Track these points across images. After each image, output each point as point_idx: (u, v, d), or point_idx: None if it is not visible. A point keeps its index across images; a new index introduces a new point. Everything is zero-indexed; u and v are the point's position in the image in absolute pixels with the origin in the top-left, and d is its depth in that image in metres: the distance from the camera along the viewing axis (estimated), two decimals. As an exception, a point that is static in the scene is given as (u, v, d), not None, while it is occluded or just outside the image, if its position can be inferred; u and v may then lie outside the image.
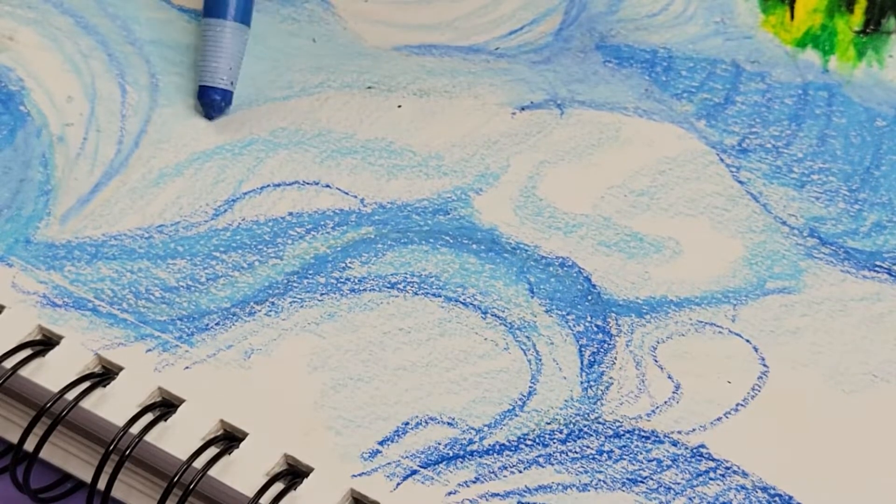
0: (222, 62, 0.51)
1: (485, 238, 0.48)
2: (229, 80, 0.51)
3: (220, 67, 0.51)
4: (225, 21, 0.51)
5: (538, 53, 0.54)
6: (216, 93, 0.51)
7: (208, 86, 0.51)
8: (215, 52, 0.51)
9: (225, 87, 0.51)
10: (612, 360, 0.45)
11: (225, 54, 0.51)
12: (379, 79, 0.53)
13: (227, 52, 0.51)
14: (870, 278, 0.47)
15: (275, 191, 0.49)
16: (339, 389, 0.44)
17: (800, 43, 0.55)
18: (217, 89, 0.51)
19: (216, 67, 0.51)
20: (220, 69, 0.51)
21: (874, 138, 0.52)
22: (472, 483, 0.42)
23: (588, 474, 0.42)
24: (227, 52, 0.51)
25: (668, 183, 0.50)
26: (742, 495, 0.42)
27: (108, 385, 0.43)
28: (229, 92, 0.51)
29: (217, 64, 0.51)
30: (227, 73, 0.51)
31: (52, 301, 0.45)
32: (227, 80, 0.51)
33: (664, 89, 0.53)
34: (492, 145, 0.51)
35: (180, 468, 0.41)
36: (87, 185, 0.49)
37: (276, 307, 0.46)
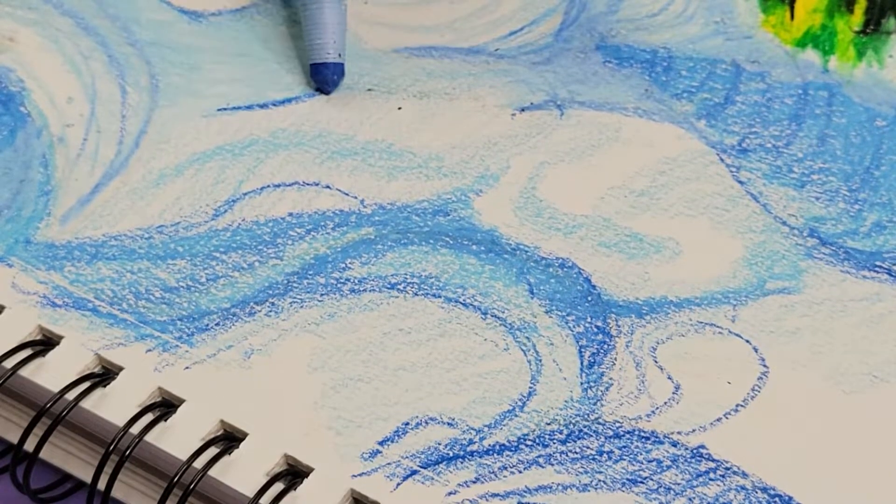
0: (327, 37, 0.52)
1: (485, 239, 0.48)
2: (337, 53, 0.52)
3: (326, 42, 0.52)
4: None
5: (538, 54, 0.54)
6: (327, 68, 0.52)
7: (319, 63, 0.52)
8: (318, 28, 0.52)
9: (335, 61, 0.52)
10: (612, 360, 0.45)
11: (328, 28, 0.52)
12: (379, 80, 0.53)
13: (329, 25, 0.52)
14: (870, 278, 0.47)
15: (275, 191, 0.49)
16: (339, 389, 0.44)
17: (800, 43, 0.55)
18: (328, 64, 0.52)
19: (322, 43, 0.52)
20: (327, 44, 0.52)
21: (874, 138, 0.52)
22: (472, 483, 0.42)
23: (588, 475, 0.42)
24: (329, 25, 0.52)
25: (668, 183, 0.50)
26: (742, 495, 0.42)
27: (108, 385, 0.43)
28: (340, 64, 0.52)
29: (322, 40, 0.52)
30: (334, 46, 0.52)
31: (52, 301, 0.45)
32: (334, 53, 0.52)
33: (664, 89, 0.53)
34: (492, 146, 0.51)
35: (180, 468, 0.41)
36: (87, 185, 0.49)
37: (276, 307, 0.46)
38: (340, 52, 0.52)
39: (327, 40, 0.52)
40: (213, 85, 0.52)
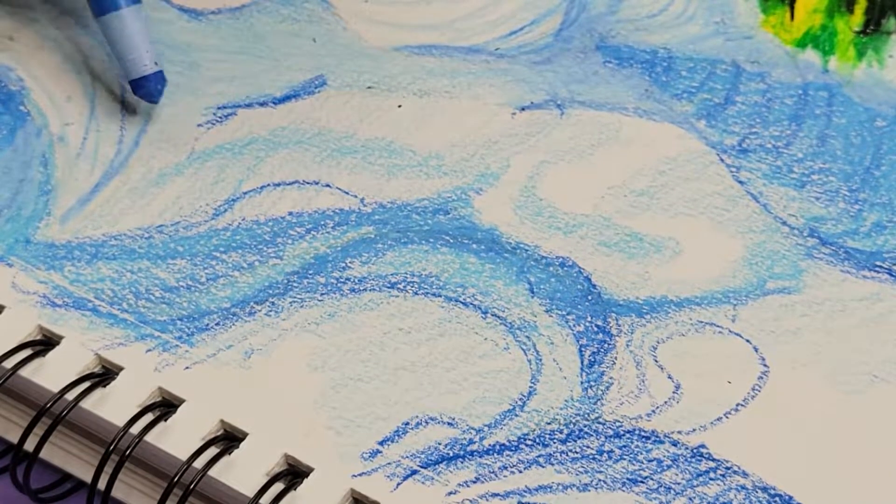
0: (139, 50, 0.50)
1: (485, 238, 0.48)
2: (153, 62, 0.50)
3: (140, 56, 0.50)
4: (119, 11, 0.50)
5: (538, 54, 0.54)
6: (148, 80, 0.50)
7: (139, 77, 0.50)
8: (126, 43, 0.50)
9: (153, 71, 0.50)
10: (612, 360, 0.45)
11: (136, 41, 0.50)
12: (379, 79, 0.53)
13: (137, 38, 0.50)
14: (870, 278, 0.47)
15: (275, 190, 0.49)
16: (339, 389, 0.44)
17: (800, 43, 0.55)
18: (148, 76, 0.50)
19: (136, 58, 0.50)
20: (140, 58, 0.50)
21: (874, 138, 0.52)
22: (473, 483, 0.42)
23: (588, 474, 0.42)
24: (137, 38, 0.50)
25: (668, 183, 0.50)
26: (742, 495, 0.42)
27: (108, 385, 0.43)
28: (159, 72, 0.50)
29: (135, 55, 0.50)
30: (149, 57, 0.50)
31: (52, 301, 0.45)
32: (150, 64, 0.50)
33: (664, 89, 0.53)
34: (492, 145, 0.51)
35: (180, 468, 0.41)
36: (87, 184, 0.49)
37: (276, 307, 0.46)
38: (156, 59, 0.50)
39: (139, 53, 0.50)
40: (213, 83, 0.52)
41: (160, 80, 0.50)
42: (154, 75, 0.50)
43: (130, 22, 0.50)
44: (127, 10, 0.50)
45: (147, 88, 0.50)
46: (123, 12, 0.50)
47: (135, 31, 0.50)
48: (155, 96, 0.50)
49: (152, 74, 0.50)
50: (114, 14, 0.50)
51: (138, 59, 0.50)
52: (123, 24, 0.50)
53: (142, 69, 0.50)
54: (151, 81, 0.50)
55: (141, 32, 0.50)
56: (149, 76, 0.50)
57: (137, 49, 0.50)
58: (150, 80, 0.50)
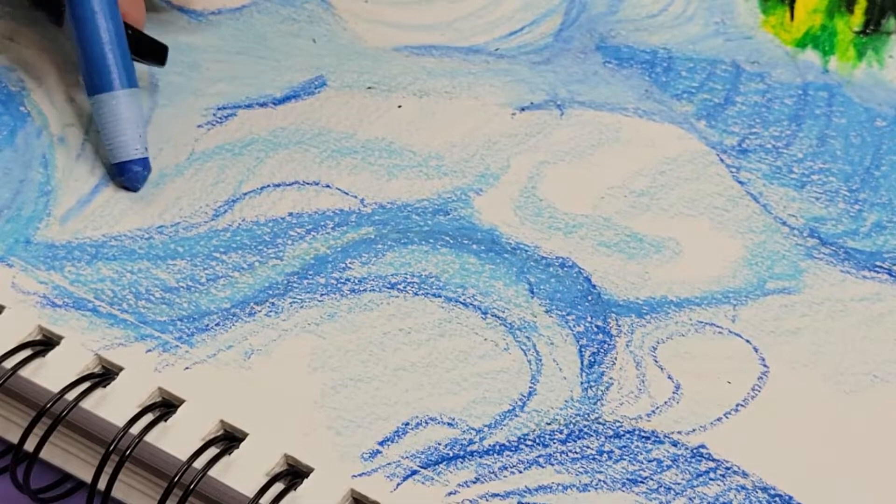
0: (129, 133, 0.48)
1: (485, 238, 0.48)
2: (143, 147, 0.49)
3: (129, 139, 0.48)
4: (114, 92, 0.48)
5: (538, 54, 0.54)
6: (136, 164, 0.48)
7: (125, 161, 0.48)
8: (118, 125, 0.48)
9: (142, 156, 0.49)
10: (612, 360, 0.45)
11: (129, 124, 0.49)
12: (379, 79, 0.53)
13: (130, 121, 0.49)
14: (870, 278, 0.47)
15: (275, 191, 0.49)
16: (340, 390, 0.44)
17: (800, 43, 0.55)
18: (136, 161, 0.48)
19: (125, 141, 0.48)
20: (130, 141, 0.48)
21: (874, 138, 0.52)
22: (473, 483, 0.42)
23: (588, 474, 0.42)
24: (130, 121, 0.49)
25: (668, 183, 0.50)
26: (742, 495, 0.42)
27: (108, 385, 0.43)
28: (146, 158, 0.49)
29: (124, 137, 0.48)
30: (139, 140, 0.49)
31: (52, 301, 0.45)
32: (140, 148, 0.48)
33: (664, 90, 0.53)
34: (492, 146, 0.51)
35: (180, 468, 0.41)
36: (87, 185, 0.49)
37: (276, 308, 0.46)
38: (146, 145, 0.49)
39: (130, 136, 0.48)
40: (213, 83, 0.52)
41: (146, 166, 0.49)
42: (142, 160, 0.49)
43: (126, 105, 0.49)
44: (122, 92, 0.49)
45: (132, 171, 0.48)
46: (118, 94, 0.49)
47: (128, 115, 0.49)
48: (139, 182, 0.49)
49: (139, 159, 0.48)
50: (109, 94, 0.49)
51: (128, 142, 0.48)
52: (118, 107, 0.49)
53: (132, 153, 0.48)
54: (139, 165, 0.48)
55: (134, 117, 0.49)
56: (135, 160, 0.48)
57: (129, 132, 0.48)
58: (138, 164, 0.48)
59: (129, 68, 0.49)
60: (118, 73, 0.49)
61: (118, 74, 0.49)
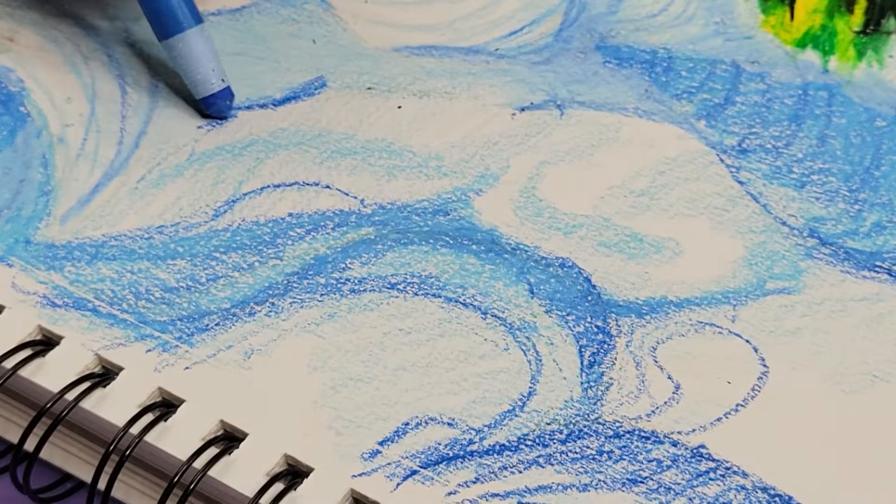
0: (205, 68, 0.51)
1: (485, 239, 0.48)
2: (220, 79, 0.51)
3: (206, 75, 0.51)
4: (184, 33, 0.50)
5: (538, 54, 0.54)
6: (216, 97, 0.51)
7: (207, 95, 0.51)
8: (193, 64, 0.51)
9: (221, 89, 0.51)
10: (612, 360, 0.45)
11: (203, 60, 0.51)
12: (379, 79, 0.53)
13: (203, 56, 0.51)
14: (870, 278, 0.47)
15: (275, 191, 0.49)
16: (339, 390, 0.44)
17: (800, 43, 0.55)
18: (216, 94, 0.51)
19: (203, 77, 0.51)
20: (208, 77, 0.51)
21: (874, 138, 0.52)
22: (472, 483, 0.42)
23: (588, 475, 0.42)
24: (203, 56, 0.51)
25: (668, 183, 0.50)
26: (742, 495, 0.42)
27: (108, 385, 0.43)
28: (226, 88, 0.51)
29: (202, 74, 0.51)
30: (215, 75, 0.51)
31: (52, 301, 0.45)
32: (216, 82, 0.51)
33: (664, 90, 0.53)
34: (492, 146, 0.51)
35: (180, 468, 0.41)
36: (87, 185, 0.49)
37: (276, 308, 0.46)
38: (223, 77, 0.51)
39: (205, 71, 0.50)
40: (213, 84, 0.52)
41: (228, 96, 0.51)
42: (222, 92, 0.51)
43: (196, 43, 0.50)
44: (191, 31, 0.50)
45: (216, 104, 0.51)
46: (188, 34, 0.50)
47: (201, 52, 0.51)
48: (226, 111, 0.51)
49: (220, 91, 0.51)
50: (178, 36, 0.50)
51: (206, 78, 0.50)
52: (190, 46, 0.50)
53: (210, 87, 0.51)
54: (221, 98, 0.51)
55: (207, 52, 0.51)
56: (216, 93, 0.51)
57: (203, 68, 0.50)
58: (219, 97, 0.51)
59: (192, 6, 0.51)
60: (182, 13, 0.50)
61: (183, 15, 0.50)
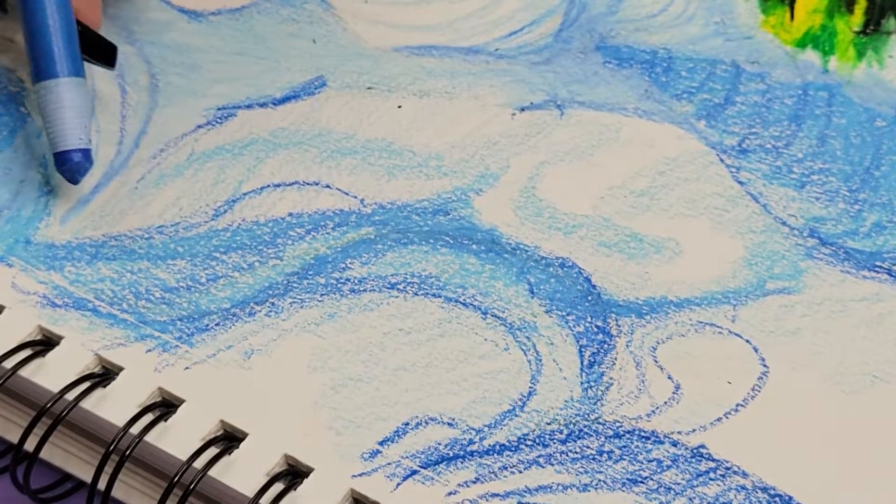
0: (71, 122, 0.47)
1: (485, 238, 0.48)
2: (87, 138, 0.47)
3: (71, 128, 0.47)
4: (58, 79, 0.47)
5: (538, 54, 0.54)
6: (77, 154, 0.47)
7: (66, 150, 0.47)
8: (61, 113, 0.47)
9: (84, 147, 0.47)
10: (612, 360, 0.45)
11: (72, 112, 0.47)
12: (379, 79, 0.53)
13: (73, 109, 0.47)
14: (870, 278, 0.47)
15: (275, 191, 0.49)
16: (339, 390, 0.44)
17: (800, 43, 0.55)
18: (77, 150, 0.47)
19: (66, 130, 0.47)
20: (72, 130, 0.47)
21: (874, 138, 0.52)
22: (473, 483, 0.42)
23: (588, 474, 0.42)
24: (73, 109, 0.47)
25: (668, 183, 0.50)
26: (742, 495, 0.42)
27: (108, 385, 0.43)
28: (89, 149, 0.47)
29: (66, 126, 0.47)
30: (83, 130, 0.47)
31: (52, 301, 0.45)
32: (84, 138, 0.47)
33: (664, 90, 0.53)
34: (492, 146, 0.51)
35: (180, 468, 0.41)
36: (87, 185, 0.49)
37: (276, 308, 0.46)
38: (89, 137, 0.47)
39: (73, 125, 0.47)
40: (213, 84, 0.52)
41: (88, 157, 0.47)
42: (84, 150, 0.47)
43: (70, 93, 0.47)
44: (67, 80, 0.47)
45: (72, 161, 0.47)
46: (63, 82, 0.47)
47: (73, 104, 0.47)
48: (79, 173, 0.47)
49: (81, 150, 0.47)
50: (53, 81, 0.47)
51: (70, 132, 0.47)
52: (63, 95, 0.47)
53: (76, 142, 0.47)
54: (80, 155, 0.47)
55: (79, 106, 0.47)
56: (77, 150, 0.47)
57: (72, 121, 0.47)
58: (78, 154, 0.47)
59: (76, 58, 0.48)
60: (63, 60, 0.48)
61: (63, 62, 0.48)
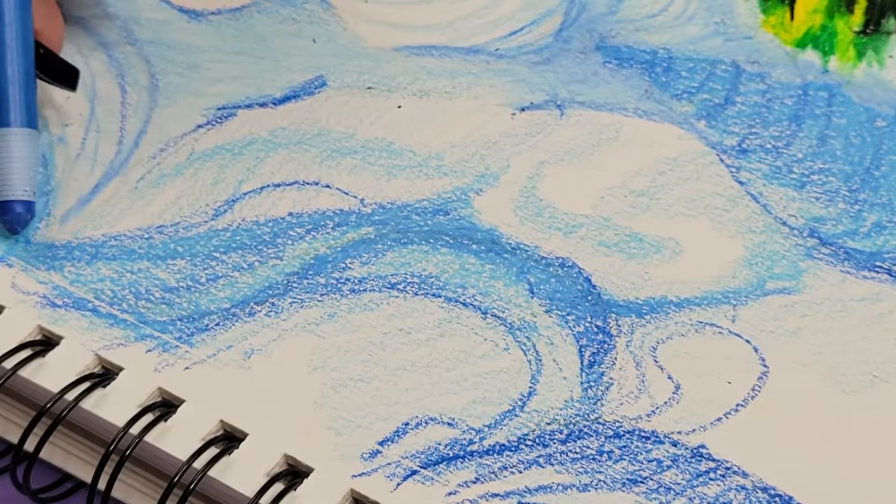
0: (18, 173, 0.47)
1: (485, 238, 0.48)
2: (31, 191, 0.47)
3: (17, 179, 0.46)
4: (10, 129, 0.47)
5: (538, 54, 0.54)
6: (19, 206, 0.47)
7: (8, 200, 0.47)
8: (8, 164, 0.46)
9: (27, 199, 0.47)
10: (612, 360, 0.45)
11: (20, 163, 0.47)
12: (379, 79, 0.53)
13: (22, 160, 0.47)
14: (870, 278, 0.47)
15: (275, 191, 0.49)
16: (339, 390, 0.44)
17: (800, 43, 0.55)
18: (20, 202, 0.47)
19: (12, 180, 0.46)
20: (18, 181, 0.46)
21: (874, 138, 0.52)
22: (472, 483, 0.42)
23: (588, 475, 0.42)
24: (22, 160, 0.47)
25: (667, 183, 0.50)
26: (742, 495, 0.42)
27: (108, 385, 0.43)
28: (32, 202, 0.47)
29: (13, 176, 0.46)
30: (29, 182, 0.47)
31: (52, 301, 0.45)
32: (29, 190, 0.47)
33: (664, 90, 0.53)
34: (492, 146, 0.51)
35: (180, 468, 0.41)
36: (86, 185, 0.49)
37: (276, 308, 0.46)
38: (34, 189, 0.47)
39: (19, 176, 0.46)
40: (213, 83, 0.52)
41: (31, 210, 0.47)
42: (27, 202, 0.47)
43: (19, 144, 0.47)
44: (18, 130, 0.47)
45: (14, 212, 0.46)
46: (14, 132, 0.47)
47: (21, 155, 0.47)
48: (20, 225, 0.47)
49: (25, 201, 0.47)
50: (3, 130, 0.47)
51: (15, 182, 0.46)
52: (11, 144, 0.47)
53: (19, 193, 0.46)
54: (22, 207, 0.47)
55: (27, 157, 0.47)
56: (21, 201, 0.47)
57: (18, 172, 0.46)
58: (21, 206, 0.47)
59: (32, 109, 0.47)
60: (18, 110, 0.47)
61: (17, 112, 0.47)
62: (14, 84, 0.47)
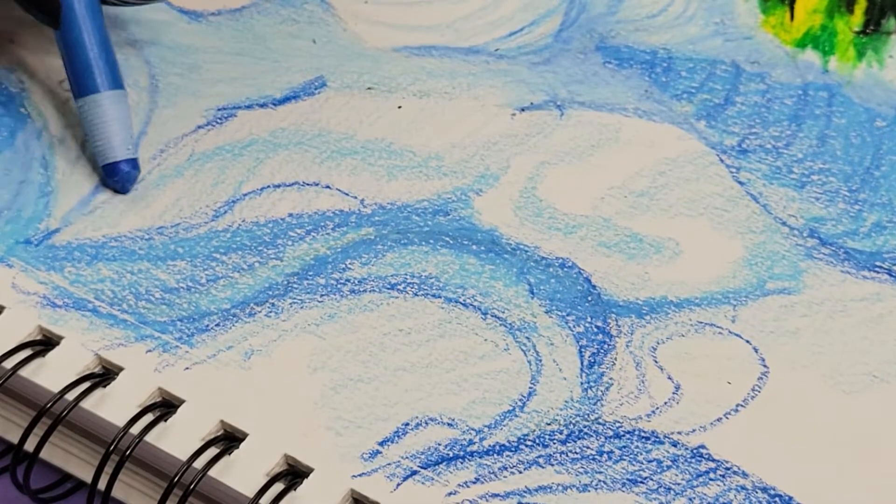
0: (118, 134, 0.48)
1: (485, 239, 0.48)
2: (133, 148, 0.49)
3: (118, 140, 0.48)
4: (100, 93, 0.48)
5: (538, 55, 0.54)
6: (126, 164, 0.48)
7: (115, 161, 0.48)
8: (105, 127, 0.48)
9: (132, 157, 0.48)
10: (612, 360, 0.45)
11: (116, 125, 0.48)
12: (379, 80, 0.53)
13: (117, 121, 0.48)
14: (870, 279, 0.47)
15: (275, 192, 0.49)
16: (339, 390, 0.44)
17: (800, 43, 0.55)
18: (125, 161, 0.48)
19: (113, 142, 0.48)
20: (119, 142, 0.48)
21: (874, 138, 0.52)
22: (472, 483, 0.42)
23: (588, 475, 0.42)
24: (117, 121, 0.48)
25: (667, 184, 0.50)
26: (742, 496, 0.42)
27: (108, 385, 0.43)
28: (136, 158, 0.49)
29: (113, 138, 0.48)
30: (129, 140, 0.48)
31: (52, 302, 0.45)
32: (132, 148, 0.48)
33: (664, 90, 0.53)
34: (492, 146, 0.51)
35: (180, 468, 0.41)
36: (87, 186, 0.49)
37: (276, 308, 0.46)
38: (136, 146, 0.49)
39: (119, 137, 0.48)
40: (213, 84, 0.52)
41: (136, 166, 0.49)
42: (132, 160, 0.48)
43: (113, 106, 0.48)
44: (108, 94, 0.48)
45: (121, 171, 0.48)
46: (105, 95, 0.48)
47: (116, 116, 0.48)
48: (129, 182, 0.48)
49: (129, 159, 0.48)
50: (95, 96, 0.48)
51: (117, 144, 0.48)
52: (106, 108, 0.48)
53: (124, 153, 0.48)
54: (128, 165, 0.48)
55: (122, 118, 0.49)
56: (126, 160, 0.48)
57: (118, 133, 0.48)
58: (128, 164, 0.48)
59: (115, 70, 0.49)
60: (103, 74, 0.49)
61: (103, 76, 0.49)
62: (93, 50, 0.49)
